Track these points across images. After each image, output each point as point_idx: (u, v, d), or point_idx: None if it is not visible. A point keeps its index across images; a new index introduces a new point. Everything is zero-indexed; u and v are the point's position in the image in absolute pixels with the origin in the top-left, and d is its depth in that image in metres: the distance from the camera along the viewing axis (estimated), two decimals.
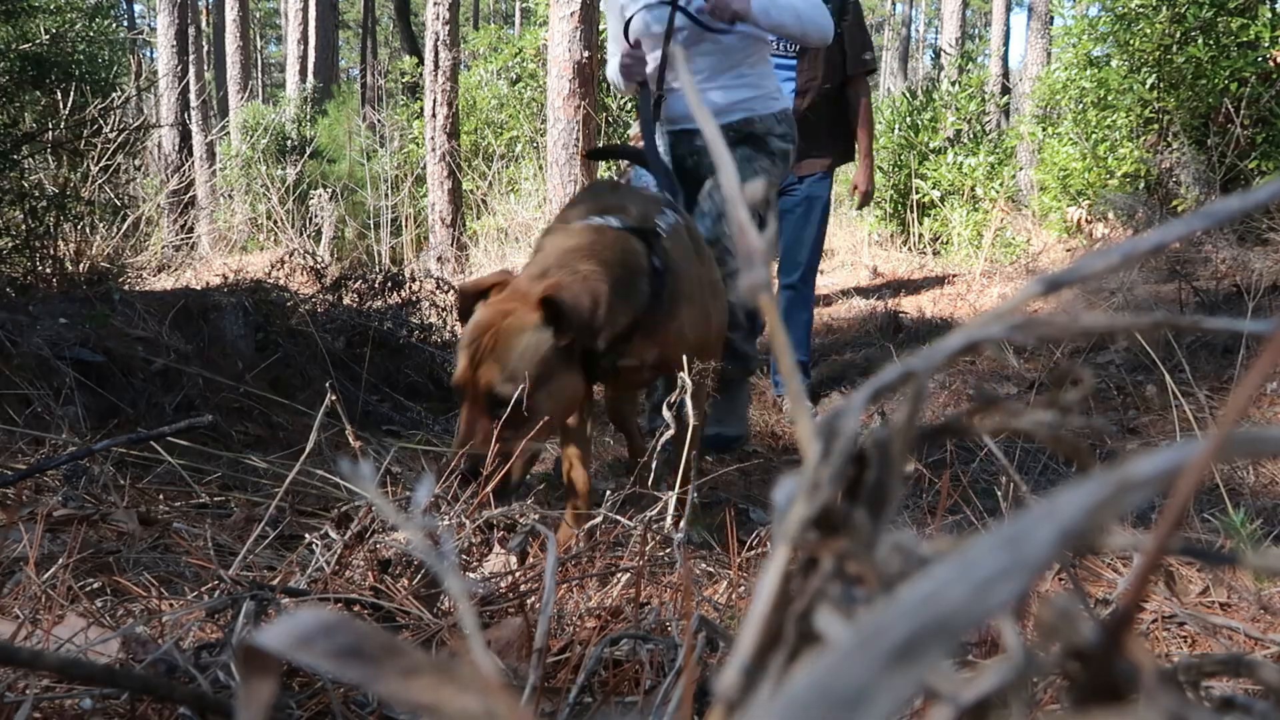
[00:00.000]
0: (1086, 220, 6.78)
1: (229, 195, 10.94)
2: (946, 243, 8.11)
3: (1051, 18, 11.15)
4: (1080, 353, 3.81)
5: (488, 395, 1.55)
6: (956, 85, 9.19)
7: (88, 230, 4.19)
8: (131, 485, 1.63)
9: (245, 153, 11.33)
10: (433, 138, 8.32)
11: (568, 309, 1.57)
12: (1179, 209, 6.01)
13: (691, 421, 1.33)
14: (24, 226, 3.74)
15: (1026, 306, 0.25)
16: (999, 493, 1.65)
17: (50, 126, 3.98)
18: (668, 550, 1.18)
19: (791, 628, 0.22)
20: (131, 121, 4.60)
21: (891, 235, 8.57)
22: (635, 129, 2.95)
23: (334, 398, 1.24)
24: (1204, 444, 0.21)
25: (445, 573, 0.30)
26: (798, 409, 0.25)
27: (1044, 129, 7.95)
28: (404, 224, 9.30)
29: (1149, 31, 6.13)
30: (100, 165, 4.18)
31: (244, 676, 0.24)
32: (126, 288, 3.74)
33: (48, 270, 3.75)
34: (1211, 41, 5.83)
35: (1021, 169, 8.99)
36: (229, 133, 12.67)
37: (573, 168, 7.10)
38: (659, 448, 1.43)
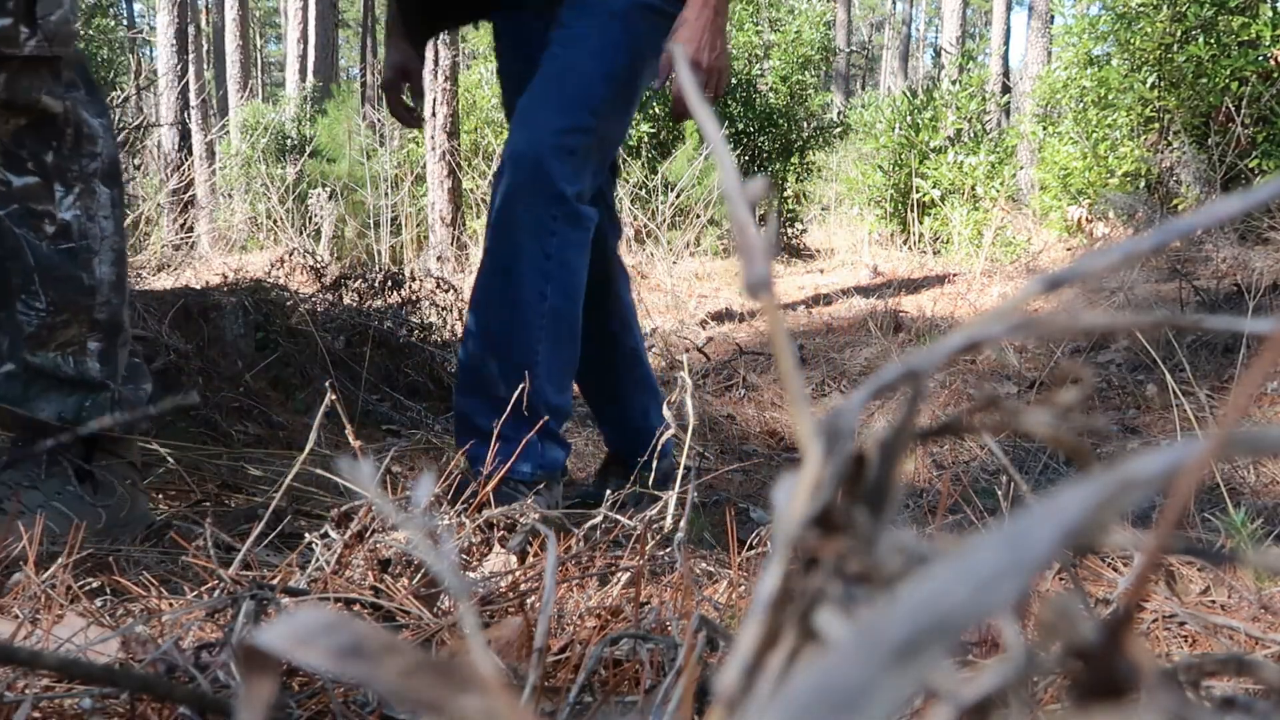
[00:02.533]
0: (1087, 219, 6.78)
1: (229, 194, 10.93)
2: (947, 242, 8.11)
3: (1052, 17, 11.15)
4: (1080, 352, 3.81)
5: None
6: (957, 84, 9.19)
7: None
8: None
9: (245, 152, 11.32)
10: (432, 137, 8.32)
11: None
12: (1179, 208, 6.01)
13: (692, 421, 1.31)
14: None
15: (1026, 306, 0.25)
16: (999, 493, 1.65)
17: None
18: (668, 550, 1.18)
19: (791, 628, 0.22)
20: (131, 120, 4.59)
21: (892, 234, 8.57)
22: None
23: (334, 397, 1.24)
24: (1204, 443, 0.21)
25: (445, 572, 0.30)
26: (797, 408, 0.25)
27: (1044, 128, 7.95)
28: (404, 223, 9.30)
29: (1149, 30, 6.13)
30: None
31: (244, 676, 0.24)
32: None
33: None
34: (1212, 40, 5.83)
35: (1022, 168, 9.00)
36: (229, 132, 12.67)
37: None
38: (659, 448, 1.42)
